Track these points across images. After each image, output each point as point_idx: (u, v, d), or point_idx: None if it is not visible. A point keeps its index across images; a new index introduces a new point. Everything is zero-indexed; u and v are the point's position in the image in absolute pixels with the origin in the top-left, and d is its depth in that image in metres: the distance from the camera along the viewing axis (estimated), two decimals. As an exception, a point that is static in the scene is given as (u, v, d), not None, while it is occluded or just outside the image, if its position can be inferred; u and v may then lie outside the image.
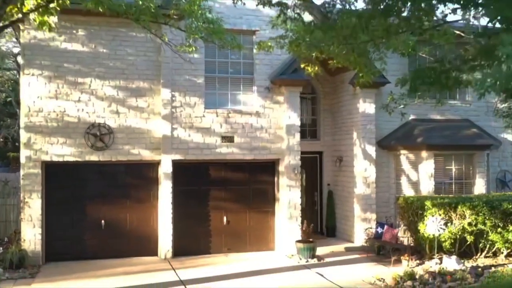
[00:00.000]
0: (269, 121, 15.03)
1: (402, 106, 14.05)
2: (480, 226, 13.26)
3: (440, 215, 13.03)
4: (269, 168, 15.32)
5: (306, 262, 13.79)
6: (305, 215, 16.87)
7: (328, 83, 17.20)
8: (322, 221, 17.28)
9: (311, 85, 17.06)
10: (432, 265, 12.61)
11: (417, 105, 16.26)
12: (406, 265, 13.09)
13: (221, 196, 14.91)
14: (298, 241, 14.25)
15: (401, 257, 13.31)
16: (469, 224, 13.23)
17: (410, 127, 16.09)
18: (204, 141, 14.52)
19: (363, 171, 15.42)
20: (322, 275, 12.42)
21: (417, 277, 11.50)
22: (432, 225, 12.55)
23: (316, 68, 11.90)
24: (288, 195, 14.83)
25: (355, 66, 11.91)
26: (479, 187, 15.87)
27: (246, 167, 15.12)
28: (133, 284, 11.58)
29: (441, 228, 12.57)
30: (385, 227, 14.42)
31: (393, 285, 11.36)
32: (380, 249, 14.74)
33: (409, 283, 11.21)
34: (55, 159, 13.61)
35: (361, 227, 15.34)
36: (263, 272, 12.74)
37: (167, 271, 12.82)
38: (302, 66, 12.21)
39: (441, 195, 14.66)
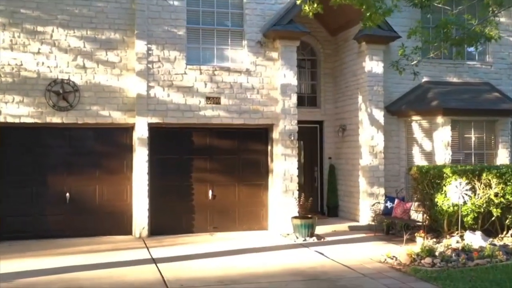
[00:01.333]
0: (261, 81, 13.04)
1: (415, 62, 12.07)
2: (508, 197, 11.25)
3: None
4: (261, 134, 13.33)
5: (304, 241, 11.82)
6: (304, 193, 14.97)
7: (330, 44, 15.20)
8: (322, 200, 15.29)
9: (310, 46, 15.08)
10: (452, 243, 10.60)
11: (431, 66, 14.33)
12: (421, 243, 11.09)
13: (206, 167, 12.94)
14: (295, 217, 12.27)
15: (416, 235, 11.32)
16: (496, 195, 11.24)
17: (423, 90, 14.09)
18: (185, 102, 12.54)
19: (369, 139, 13.43)
20: (322, 254, 10.44)
21: (436, 253, 9.50)
22: (455, 191, 10.54)
23: (316, 6, 9.88)
24: (283, 166, 12.86)
25: (361, 3, 9.95)
26: (502, 158, 13.85)
27: (235, 133, 13.14)
28: (94, 262, 9.60)
29: (465, 194, 10.56)
30: (396, 201, 12.43)
31: (408, 263, 9.37)
32: (390, 228, 12.76)
33: (427, 260, 9.22)
34: (10, 120, 11.65)
35: (368, 204, 13.35)
36: (252, 250, 10.77)
37: (138, 249, 10.85)
38: (298, 2, 10.19)
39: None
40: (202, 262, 9.63)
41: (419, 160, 13.91)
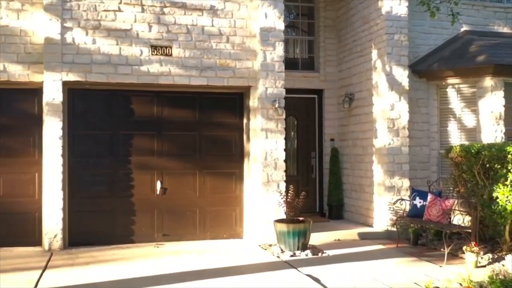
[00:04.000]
0: (233, 23, 9.05)
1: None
2: None
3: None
4: (233, 102, 9.36)
5: (292, 256, 7.87)
6: (297, 186, 11.02)
7: (332, -15, 11.24)
8: (322, 196, 11.31)
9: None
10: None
11: (473, 10, 10.43)
12: (474, 262, 7.12)
13: (152, 148, 8.97)
14: (279, 221, 8.29)
15: (465, 249, 7.34)
16: None
17: (463, 43, 10.09)
18: (120, 53, 8.58)
19: (388, 110, 9.43)
20: (318, 281, 6.47)
21: None
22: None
23: None
24: (265, 146, 8.88)
25: None
26: None
27: (195, 99, 9.18)
28: None
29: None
30: (429, 197, 8.43)
31: (468, 304, 5.40)
32: (418, 235, 8.77)
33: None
34: None
35: (385, 201, 9.37)
36: (212, 274, 6.81)
37: (29, 271, 6.88)
38: None
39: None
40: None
41: (457, 139, 9.91)
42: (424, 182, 9.82)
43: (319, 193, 11.33)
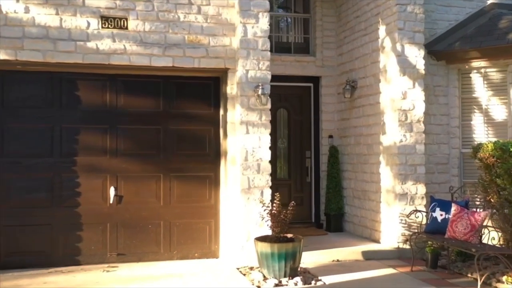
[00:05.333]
0: (206, -10, 7.26)
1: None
2: None
3: None
4: (206, 88, 7.54)
5: (277, 286, 6.04)
6: (288, 192, 9.33)
7: (330, -47, 9.43)
8: (319, 203, 9.50)
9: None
10: None
11: (501, -22, 8.50)
12: (518, 297, 5.31)
13: (105, 146, 7.16)
14: (262, 239, 6.45)
15: (504, 279, 5.53)
16: None
17: (490, 18, 8.27)
18: (61, 24, 6.76)
19: (399, 99, 7.60)
20: (308, 331, 4.65)
21: None
22: None
23: None
24: (245, 144, 7.07)
25: None
26: None
27: (158, 85, 7.37)
28: None
29: None
30: (453, 208, 6.58)
31: None
32: (438, 256, 6.96)
33: None
34: None
35: (396, 212, 7.55)
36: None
37: None
38: None
39: None
40: None
41: (482, 135, 8.10)
42: (443, 188, 8.06)
43: (315, 200, 9.52)
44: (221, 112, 7.45)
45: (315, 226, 9.38)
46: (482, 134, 8.10)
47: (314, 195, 9.52)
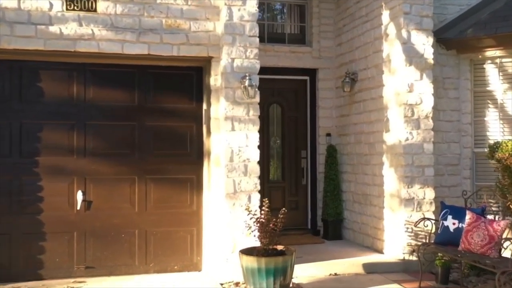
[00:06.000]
0: (186, -33, 6.41)
1: None
2: None
3: None
4: (188, 80, 6.70)
5: (264, 308, 5.22)
6: (282, 196, 8.51)
7: None
8: (315, 208, 8.66)
9: None
10: None
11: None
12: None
13: (71, 145, 6.32)
14: (248, 252, 5.60)
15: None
16: None
17: (506, 2, 7.39)
18: (19, 6, 5.92)
19: (404, 92, 6.75)
20: None
21: None
22: None
23: None
24: (230, 142, 6.22)
25: None
26: None
27: (133, 76, 6.52)
28: None
29: None
30: (468, 216, 5.71)
31: None
32: (449, 269, 6.11)
33: None
34: None
35: (401, 218, 6.71)
36: None
37: None
38: None
39: None
40: None
41: (497, 133, 7.26)
42: (453, 192, 7.24)
43: (312, 204, 8.67)
44: (204, 106, 6.61)
45: (311, 233, 8.54)
46: (497, 131, 7.26)
47: (310, 199, 8.68)
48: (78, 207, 6.24)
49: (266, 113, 8.58)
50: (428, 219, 6.31)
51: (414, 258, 6.51)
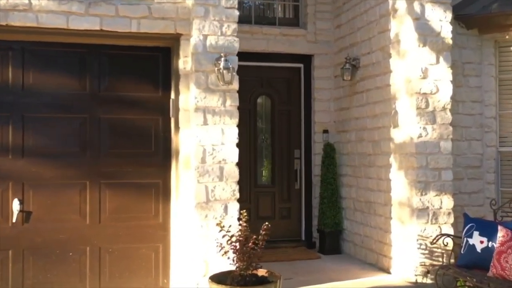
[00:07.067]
0: None
1: None
2: None
3: None
4: (152, 63, 5.47)
5: None
6: (272, 202, 7.35)
7: None
8: (310, 216, 7.47)
9: None
10: None
11: None
12: None
13: (6, 142, 5.09)
14: (218, 280, 4.39)
15: None
16: None
17: (537, -29, 6.21)
18: None
19: (417, 78, 5.54)
20: None
21: None
22: None
23: None
24: (202, 139, 5.02)
25: None
26: None
27: (84, 58, 5.30)
28: None
29: None
30: (500, 233, 4.50)
31: None
32: (475, 299, 4.89)
33: None
34: None
35: (412, 232, 5.51)
36: None
37: None
38: None
39: None
40: None
41: (528, 129, 6.06)
42: (474, 200, 6.06)
43: (306, 212, 7.48)
44: (172, 95, 5.40)
45: (305, 245, 7.35)
46: (526, 127, 6.06)
47: (304, 206, 7.49)
48: (14, 219, 5.02)
49: (253, 107, 7.44)
50: (448, 235, 5.11)
51: (428, 281, 5.34)
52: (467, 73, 6.20)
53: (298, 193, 7.52)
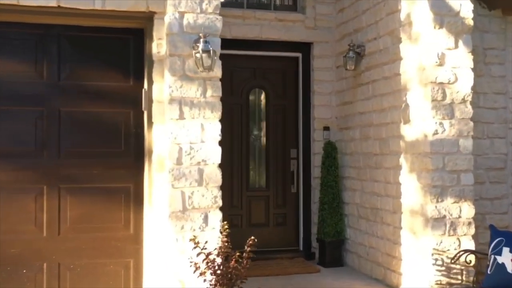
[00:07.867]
0: None
1: None
2: None
3: None
4: (122, 48, 4.69)
5: None
6: (266, 207, 6.56)
7: None
8: (309, 224, 6.69)
9: None
10: None
11: None
12: None
13: None
14: (193, 308, 3.62)
15: None
16: None
17: None
18: None
19: (432, 65, 4.73)
20: None
21: None
22: None
23: None
24: (178, 136, 4.23)
25: None
26: None
27: (40, 41, 4.53)
28: None
29: None
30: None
31: None
32: (502, 327, 4.07)
33: None
34: None
35: (426, 244, 4.69)
36: None
37: None
38: None
39: None
40: None
41: (559, 126, 5.24)
42: (497, 207, 5.29)
43: (304, 219, 6.69)
44: (145, 84, 4.61)
45: (303, 256, 6.56)
46: (558, 123, 5.25)
47: (302, 212, 6.71)
48: (-44, 231, 4.25)
49: (245, 101, 6.69)
50: (472, 251, 4.29)
51: (445, 302, 4.53)
52: (489, 61, 5.39)
53: (295, 197, 6.73)
